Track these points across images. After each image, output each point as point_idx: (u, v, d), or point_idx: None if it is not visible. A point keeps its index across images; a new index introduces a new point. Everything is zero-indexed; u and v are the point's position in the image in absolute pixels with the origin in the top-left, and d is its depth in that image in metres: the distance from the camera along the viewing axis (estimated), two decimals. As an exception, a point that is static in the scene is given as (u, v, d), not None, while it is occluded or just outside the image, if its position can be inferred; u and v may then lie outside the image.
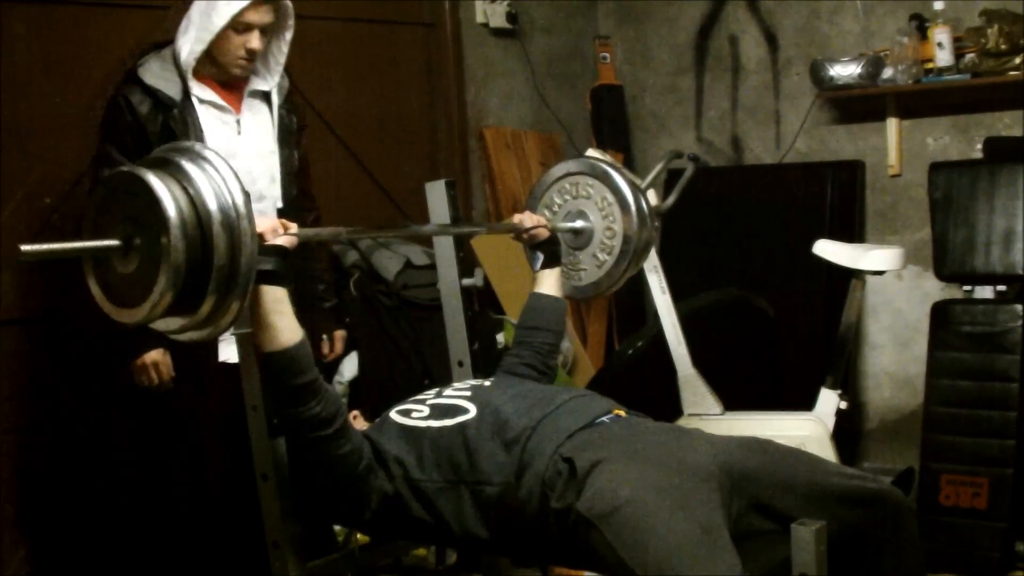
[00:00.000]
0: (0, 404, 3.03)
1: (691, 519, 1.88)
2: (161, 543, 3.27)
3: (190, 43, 2.68)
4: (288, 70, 2.91)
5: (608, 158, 3.63)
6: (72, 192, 3.16)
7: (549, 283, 2.66)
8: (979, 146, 4.08)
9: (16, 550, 3.07)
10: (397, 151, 4.23)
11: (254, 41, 2.71)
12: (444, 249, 2.75)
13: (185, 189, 1.82)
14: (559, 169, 2.83)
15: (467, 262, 2.80)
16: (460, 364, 2.76)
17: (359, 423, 2.38)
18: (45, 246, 1.80)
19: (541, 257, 2.67)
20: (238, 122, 2.81)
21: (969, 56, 4.00)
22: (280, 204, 2.85)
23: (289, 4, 2.78)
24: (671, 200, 3.63)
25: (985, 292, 3.74)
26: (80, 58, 3.19)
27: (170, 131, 2.68)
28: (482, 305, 3.11)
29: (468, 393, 2.26)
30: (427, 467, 2.13)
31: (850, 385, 4.39)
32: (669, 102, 4.97)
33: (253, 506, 2.39)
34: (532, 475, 2.05)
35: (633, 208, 2.72)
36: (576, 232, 2.77)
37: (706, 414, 3.46)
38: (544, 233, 2.65)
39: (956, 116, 4.25)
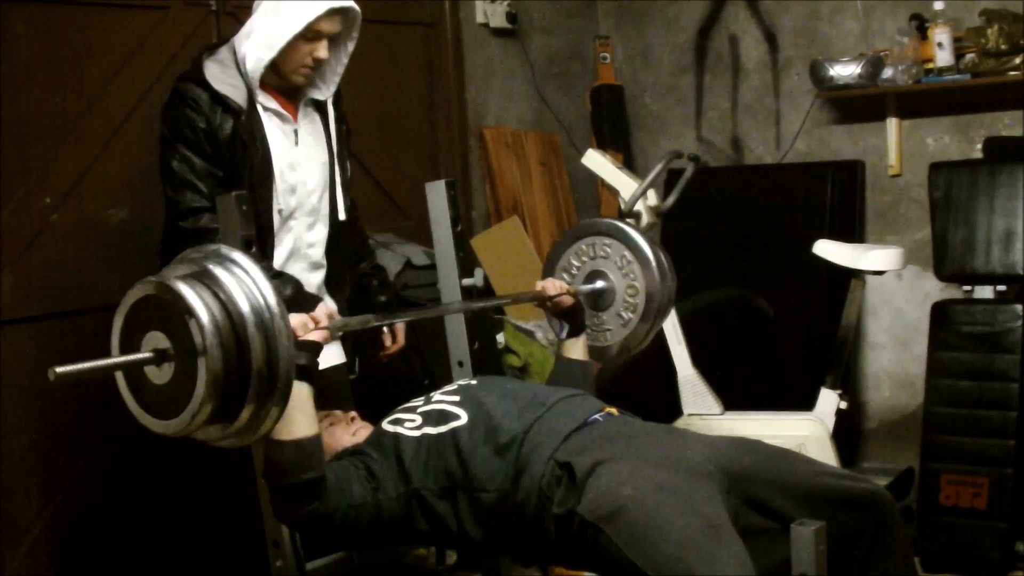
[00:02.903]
0: (0, 404, 3.03)
1: (696, 515, 1.88)
2: (161, 542, 3.28)
3: (257, 50, 2.57)
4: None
5: (609, 158, 3.64)
6: (72, 192, 3.16)
7: (576, 350, 2.61)
8: (979, 146, 4.08)
9: (16, 549, 3.07)
10: (397, 151, 4.23)
11: (322, 51, 2.61)
12: (444, 249, 2.75)
13: (216, 294, 1.74)
14: (574, 232, 2.79)
15: (467, 262, 2.80)
16: (460, 364, 2.77)
17: (359, 424, 2.38)
18: (77, 366, 1.67)
19: (567, 326, 2.62)
20: (295, 132, 2.71)
21: (969, 56, 4.01)
22: (328, 218, 2.76)
23: (359, 13, 2.68)
24: (671, 200, 3.62)
25: (985, 292, 3.74)
26: (80, 58, 3.19)
27: (239, 138, 2.59)
28: (482, 305, 3.11)
29: (457, 398, 2.25)
30: (426, 475, 2.13)
31: (850, 385, 4.40)
32: (669, 102, 4.97)
33: (253, 506, 2.39)
34: (528, 479, 2.05)
35: (653, 263, 2.66)
36: (598, 294, 2.72)
37: (706, 414, 3.46)
38: (568, 300, 2.59)
39: (956, 116, 4.25)
